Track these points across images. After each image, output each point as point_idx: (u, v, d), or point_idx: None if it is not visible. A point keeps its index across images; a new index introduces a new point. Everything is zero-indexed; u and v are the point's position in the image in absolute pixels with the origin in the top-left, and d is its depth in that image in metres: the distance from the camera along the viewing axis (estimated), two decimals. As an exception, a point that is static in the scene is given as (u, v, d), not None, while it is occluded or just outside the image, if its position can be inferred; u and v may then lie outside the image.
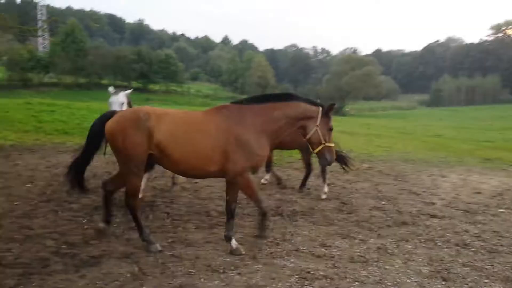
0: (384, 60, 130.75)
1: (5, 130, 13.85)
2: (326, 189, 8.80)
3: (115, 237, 5.82)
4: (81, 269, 4.72)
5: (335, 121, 5.92)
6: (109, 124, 5.24)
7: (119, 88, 7.97)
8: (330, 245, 5.96)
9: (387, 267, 5.31)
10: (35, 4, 74.87)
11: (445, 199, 9.21)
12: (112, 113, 5.44)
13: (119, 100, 7.20)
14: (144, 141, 5.03)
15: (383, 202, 8.64)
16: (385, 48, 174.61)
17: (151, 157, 5.18)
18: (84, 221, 6.39)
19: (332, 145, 5.57)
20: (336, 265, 5.26)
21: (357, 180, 10.77)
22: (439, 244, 6.26)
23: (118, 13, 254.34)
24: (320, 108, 5.46)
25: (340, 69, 79.69)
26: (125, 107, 7.24)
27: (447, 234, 6.71)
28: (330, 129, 5.49)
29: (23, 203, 6.96)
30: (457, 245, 6.24)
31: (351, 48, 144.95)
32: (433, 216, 7.73)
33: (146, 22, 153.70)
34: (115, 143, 5.14)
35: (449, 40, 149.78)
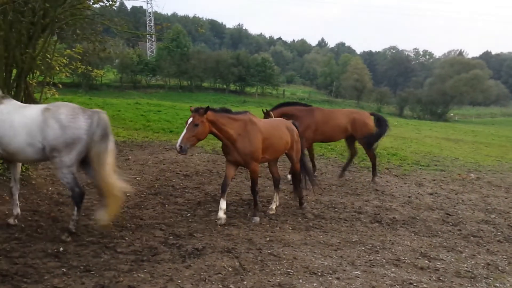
0: (494, 63, 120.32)
1: (117, 127, 15.08)
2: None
3: (217, 232, 6.08)
4: (187, 259, 5.01)
5: (437, 127, 5.71)
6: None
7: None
8: (434, 257, 5.67)
9: (497, 284, 4.93)
10: (145, 11, 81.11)
11: None
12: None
13: None
14: None
15: (493, 216, 8.00)
16: (494, 50, 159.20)
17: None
18: (188, 214, 6.77)
19: None
20: (441, 278, 4.99)
21: (463, 190, 10.07)
22: (561, 266, 5.64)
23: (219, 18, 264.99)
24: None
25: (444, 72, 74.83)
26: None
27: None
28: None
29: (134, 195, 7.45)
30: None
31: (456, 50, 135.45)
32: (553, 235, 6.97)
33: (244, 27, 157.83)
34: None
35: None
